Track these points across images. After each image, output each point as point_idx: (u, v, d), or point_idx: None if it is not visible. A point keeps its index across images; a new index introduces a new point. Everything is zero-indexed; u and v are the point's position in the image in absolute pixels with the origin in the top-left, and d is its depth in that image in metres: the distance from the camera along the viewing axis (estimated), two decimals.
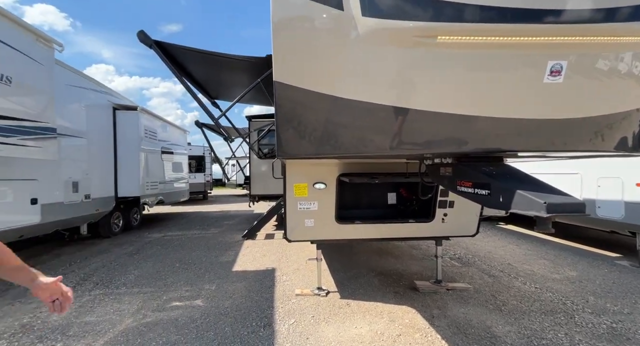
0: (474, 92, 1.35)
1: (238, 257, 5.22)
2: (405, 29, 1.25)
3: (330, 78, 1.41)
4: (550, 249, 5.67)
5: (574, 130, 1.46)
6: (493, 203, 1.36)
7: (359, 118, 1.44)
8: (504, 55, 1.28)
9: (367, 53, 1.33)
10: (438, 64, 1.32)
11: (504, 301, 3.36)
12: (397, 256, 5.19)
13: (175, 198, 10.59)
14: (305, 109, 1.49)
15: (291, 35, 1.38)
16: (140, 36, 3.89)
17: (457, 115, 1.37)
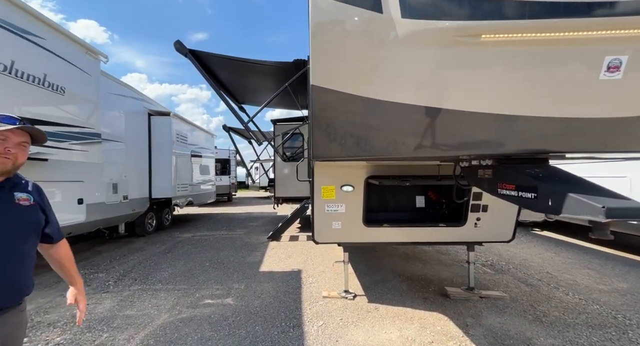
0: (520, 90, 1.30)
1: (264, 258, 5.32)
2: (448, 29, 1.23)
3: (368, 80, 1.42)
4: (593, 258, 5.28)
5: (631, 129, 1.36)
6: (540, 207, 1.30)
7: (398, 121, 1.43)
8: (555, 51, 1.22)
9: (406, 54, 1.33)
10: (482, 63, 1.29)
11: (545, 312, 3.17)
12: (424, 261, 5.06)
13: (203, 199, 11.00)
14: (342, 112, 1.51)
15: (330, 39, 1.41)
16: (177, 45, 4.11)
17: (501, 115, 1.32)
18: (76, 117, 4.29)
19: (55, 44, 3.92)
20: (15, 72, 3.35)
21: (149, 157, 7.83)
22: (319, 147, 1.62)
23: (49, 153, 3.85)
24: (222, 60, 4.56)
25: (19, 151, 1.17)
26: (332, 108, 1.52)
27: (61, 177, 4.50)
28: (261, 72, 5.03)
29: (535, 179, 1.33)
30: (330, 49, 1.41)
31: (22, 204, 1.19)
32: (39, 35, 3.66)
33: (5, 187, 1.17)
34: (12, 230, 1.15)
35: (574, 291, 3.78)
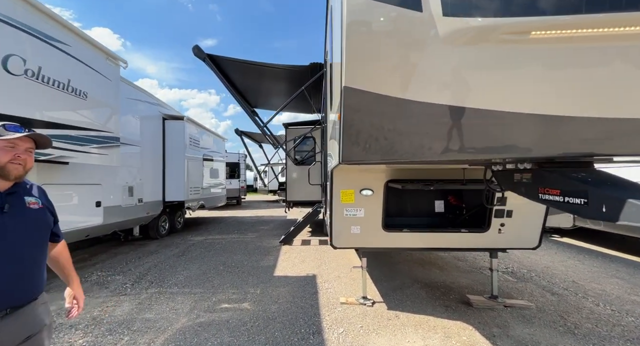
0: (568, 90, 1.24)
1: (278, 262, 5.28)
2: (494, 26, 1.18)
3: (405, 81, 1.37)
4: (621, 266, 5.06)
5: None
6: (592, 214, 1.22)
7: (437, 123, 1.38)
8: (607, 48, 1.16)
9: (447, 54, 1.28)
10: (529, 62, 1.23)
11: (576, 323, 3.02)
12: (441, 267, 4.93)
13: (214, 203, 11.07)
14: (376, 114, 1.47)
15: (364, 39, 1.37)
16: (195, 50, 4.16)
17: (547, 115, 1.25)
18: (96, 121, 4.37)
19: (79, 50, 4.01)
20: (42, 77, 3.43)
21: (163, 160, 7.92)
22: (350, 150, 1.58)
23: (71, 156, 3.92)
24: (238, 64, 4.59)
25: (27, 157, 1.24)
26: (365, 110, 1.48)
27: (81, 179, 4.57)
28: (276, 76, 5.05)
29: (585, 183, 1.26)
30: (365, 49, 1.37)
31: (32, 208, 1.26)
32: (64, 41, 3.75)
33: (17, 192, 1.24)
34: (29, 233, 1.22)
35: (605, 301, 3.60)
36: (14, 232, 1.16)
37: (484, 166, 2.12)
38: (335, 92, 1.98)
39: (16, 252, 1.17)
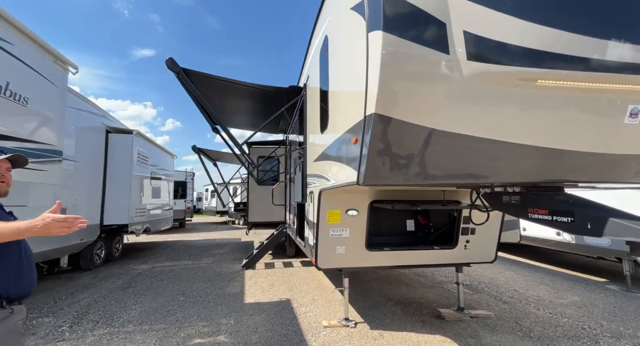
0: (562, 128, 1.56)
1: (245, 288, 4.96)
2: (509, 73, 1.45)
3: (430, 112, 1.55)
4: (544, 275, 5.95)
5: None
6: (578, 230, 1.50)
7: (454, 149, 1.58)
8: (593, 98, 1.51)
9: (468, 92, 1.50)
10: (533, 103, 1.52)
11: (529, 327, 3.45)
12: (407, 284, 5.19)
13: (160, 226, 10.01)
14: (401, 139, 1.61)
15: (397, 72, 1.52)
16: (169, 63, 3.93)
17: (545, 148, 1.55)
18: (37, 132, 3.74)
19: (23, 50, 3.47)
20: None
21: (104, 178, 7.01)
22: (374, 172, 1.67)
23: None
24: (214, 81, 4.46)
25: (9, 176, 1.45)
26: (391, 135, 1.61)
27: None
28: (251, 95, 5.01)
29: (571, 205, 1.55)
30: (397, 81, 1.52)
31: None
32: (7, 39, 3.22)
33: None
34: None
35: (543, 306, 4.19)
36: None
37: (470, 189, 2.41)
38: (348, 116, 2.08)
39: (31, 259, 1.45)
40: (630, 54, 1.44)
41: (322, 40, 3.04)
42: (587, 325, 3.58)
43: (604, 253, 5.55)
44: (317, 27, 3.49)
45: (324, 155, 2.98)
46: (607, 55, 1.43)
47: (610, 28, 1.44)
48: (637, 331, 3.39)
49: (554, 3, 1.49)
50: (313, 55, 3.70)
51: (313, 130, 3.73)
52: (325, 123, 2.91)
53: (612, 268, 6.41)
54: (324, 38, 3.01)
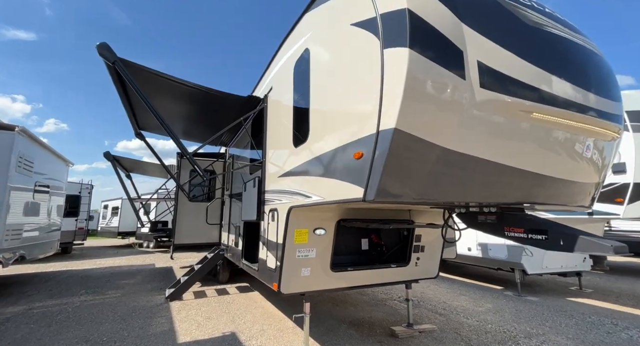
0: (547, 157, 1.83)
1: (175, 325, 4.15)
2: (514, 103, 1.65)
3: (443, 131, 1.62)
4: (459, 286, 6.80)
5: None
6: (551, 247, 1.75)
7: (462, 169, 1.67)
8: (568, 133, 1.84)
9: (478, 115, 1.63)
10: (528, 133, 1.76)
11: (467, 336, 3.81)
12: (352, 304, 5.20)
13: (41, 252, 7.76)
14: (416, 156, 1.62)
15: (420, 89, 1.55)
16: (101, 49, 3.23)
17: (534, 173, 1.79)
18: None
19: None
20: None
21: None
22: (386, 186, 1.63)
23: None
24: (153, 77, 3.85)
25: None
26: (407, 152, 1.61)
27: None
28: (197, 99, 4.50)
29: (544, 225, 1.81)
30: (418, 98, 1.55)
31: None
32: None
33: None
34: None
35: (469, 315, 4.73)
36: None
37: (444, 209, 2.60)
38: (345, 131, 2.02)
39: None
40: (594, 101, 1.85)
41: (301, 54, 2.98)
42: (505, 328, 4.16)
43: (502, 264, 6.69)
44: (289, 40, 3.43)
45: (300, 171, 2.82)
46: (583, 101, 1.81)
47: (585, 80, 1.84)
48: (539, 330, 4.11)
49: (550, 52, 1.81)
50: (281, 68, 3.58)
51: (278, 144, 3.54)
52: (303, 138, 2.79)
53: (505, 277, 7.77)
54: (302, 51, 2.95)
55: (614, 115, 1.99)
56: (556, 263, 6.38)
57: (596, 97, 1.91)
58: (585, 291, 6.52)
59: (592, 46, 2.06)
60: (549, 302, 5.61)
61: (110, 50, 3.29)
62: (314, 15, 2.78)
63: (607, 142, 2.09)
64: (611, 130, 2.00)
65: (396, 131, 1.56)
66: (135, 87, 3.35)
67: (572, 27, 2.04)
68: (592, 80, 1.93)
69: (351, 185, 1.92)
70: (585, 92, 1.87)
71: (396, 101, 1.55)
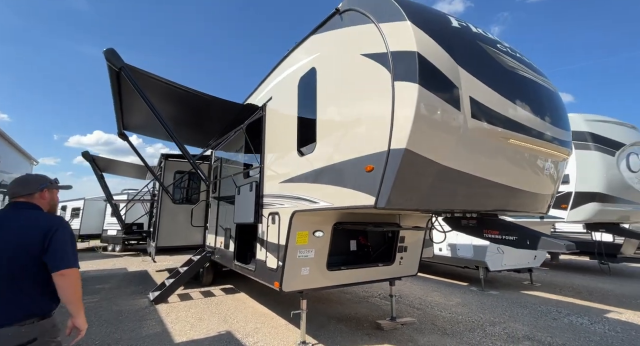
0: (520, 173, 2.29)
1: (168, 326, 4.19)
2: (496, 131, 2.08)
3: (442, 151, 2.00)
4: (430, 283, 7.40)
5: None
6: (520, 245, 2.20)
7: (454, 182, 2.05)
8: (535, 155, 2.32)
9: (469, 139, 2.04)
10: (507, 154, 2.20)
11: (443, 326, 4.29)
12: (337, 301, 5.53)
13: None
14: (420, 171, 1.97)
15: (427, 118, 1.91)
16: (108, 55, 3.26)
17: (509, 186, 2.24)
18: None
19: None
20: None
21: None
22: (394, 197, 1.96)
23: None
24: (155, 83, 3.91)
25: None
26: (414, 167, 1.95)
27: None
28: (197, 105, 4.59)
29: (513, 228, 2.25)
30: (425, 124, 1.91)
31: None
32: None
33: None
34: None
35: (442, 308, 5.26)
36: None
37: (431, 213, 3.01)
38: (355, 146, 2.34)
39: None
40: (553, 131, 2.36)
41: (306, 71, 3.26)
42: (473, 318, 4.72)
43: (469, 263, 7.40)
44: (292, 57, 3.68)
45: (305, 178, 3.08)
46: (546, 130, 2.30)
47: (547, 114, 2.34)
48: (500, 319, 4.71)
49: (521, 91, 2.29)
50: (284, 81, 3.82)
51: (279, 152, 3.77)
52: (309, 148, 3.06)
53: (470, 274, 8.54)
54: (308, 69, 3.23)
55: (566, 141, 2.53)
56: (512, 261, 7.21)
57: (554, 127, 2.42)
58: (535, 285, 7.42)
59: (550, 85, 2.59)
60: (507, 295, 6.35)
61: (117, 57, 3.33)
62: (321, 38, 3.08)
63: (560, 161, 2.63)
64: (564, 153, 2.54)
65: (406, 150, 1.90)
66: (142, 95, 3.42)
67: (536, 69, 2.55)
68: (552, 114, 2.44)
69: (362, 194, 2.24)
70: (547, 123, 2.38)
71: (407, 125, 1.90)
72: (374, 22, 2.29)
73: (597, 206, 5.20)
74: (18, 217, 1.64)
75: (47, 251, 1.56)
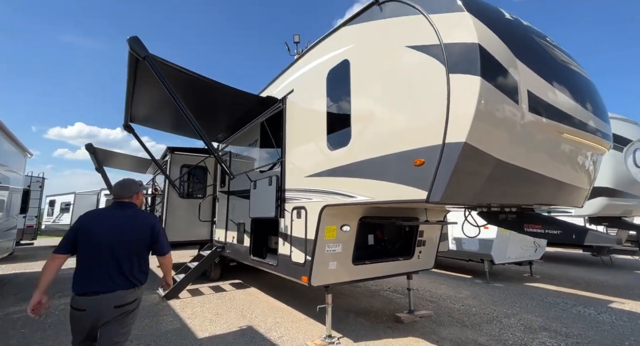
0: (567, 166, 2.31)
1: (186, 322, 4.13)
2: (552, 125, 2.08)
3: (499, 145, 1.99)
4: (437, 277, 7.52)
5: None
6: (563, 239, 2.23)
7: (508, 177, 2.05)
8: (583, 149, 2.35)
9: (524, 133, 2.04)
10: (558, 147, 2.23)
11: (460, 319, 4.36)
12: (350, 295, 5.55)
13: None
14: (477, 165, 1.96)
15: (487, 111, 1.89)
16: (133, 43, 3.11)
17: (555, 179, 2.26)
18: None
19: None
20: None
21: None
22: (449, 191, 1.95)
23: None
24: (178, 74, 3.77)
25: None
26: (471, 161, 1.94)
27: None
28: (216, 97, 4.45)
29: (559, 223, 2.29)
30: (485, 117, 1.89)
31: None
32: None
33: None
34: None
35: (453, 300, 5.35)
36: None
37: (465, 208, 3.02)
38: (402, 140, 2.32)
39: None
40: (599, 124, 2.41)
41: (337, 64, 3.19)
42: (487, 311, 4.82)
43: (474, 256, 7.54)
44: (319, 49, 3.60)
45: (338, 172, 3.04)
46: (594, 124, 2.34)
47: (593, 107, 2.39)
48: (513, 310, 4.82)
49: (572, 84, 2.30)
50: (309, 73, 3.74)
51: (304, 146, 3.71)
52: (341, 142, 3.02)
53: (472, 267, 8.70)
54: (339, 62, 3.17)
55: (608, 134, 2.57)
56: (516, 254, 7.39)
57: (600, 120, 2.46)
58: (535, 277, 7.63)
59: (591, 79, 2.62)
60: (512, 287, 6.50)
61: (141, 45, 3.18)
62: (356, 30, 3.01)
63: (601, 155, 2.69)
64: (606, 146, 2.58)
65: (466, 144, 1.89)
66: (166, 85, 3.29)
67: (577, 62, 2.57)
68: (597, 107, 2.47)
69: (410, 188, 2.22)
70: (595, 116, 2.41)
71: (467, 118, 1.88)
72: (423, 13, 2.24)
73: (605, 200, 5.36)
74: (131, 213, 2.16)
75: (157, 242, 2.16)
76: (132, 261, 2.03)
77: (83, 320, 1.88)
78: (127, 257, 2.00)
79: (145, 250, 2.12)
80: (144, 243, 2.10)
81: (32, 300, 1.89)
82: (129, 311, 2.00)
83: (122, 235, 2.02)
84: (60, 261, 1.97)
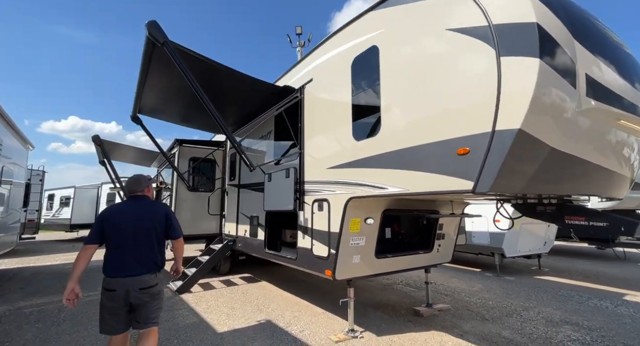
0: (619, 155, 2.22)
1: (203, 316, 4.06)
2: (609, 111, 1.98)
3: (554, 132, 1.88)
4: (445, 270, 7.47)
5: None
6: (611, 232, 2.15)
7: (561, 166, 1.95)
8: (635, 137, 2.24)
9: (580, 119, 1.94)
10: (613, 134, 2.13)
11: (480, 312, 4.32)
12: (364, 289, 5.49)
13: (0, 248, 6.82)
14: (529, 153, 1.86)
15: (544, 95, 1.78)
16: (151, 28, 2.96)
17: (607, 169, 2.17)
18: None
19: None
20: None
21: None
22: (499, 181, 1.85)
23: None
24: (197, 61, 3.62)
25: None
26: (525, 149, 1.84)
27: None
28: (232, 85, 4.30)
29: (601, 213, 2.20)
30: (542, 102, 1.78)
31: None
32: None
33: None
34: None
35: (468, 294, 5.31)
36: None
37: (498, 200, 2.93)
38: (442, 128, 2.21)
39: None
40: None
41: (364, 50, 3.06)
42: (504, 304, 4.78)
43: (485, 249, 7.49)
44: (342, 35, 3.45)
45: (367, 163, 2.93)
46: None
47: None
48: (530, 303, 4.79)
49: (627, 67, 2.18)
50: (330, 61, 3.60)
51: (326, 136, 3.59)
52: (370, 132, 2.91)
53: (481, 260, 8.68)
54: (366, 48, 3.04)
55: None
56: (526, 247, 7.36)
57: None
58: (544, 270, 7.62)
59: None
60: (524, 280, 6.48)
61: (160, 30, 3.03)
62: (386, 14, 2.87)
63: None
64: None
65: (520, 131, 1.78)
66: (187, 73, 3.15)
67: None
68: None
69: (452, 178, 2.12)
70: None
71: (524, 104, 1.77)
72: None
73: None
74: (145, 204, 2.38)
75: (171, 227, 2.38)
76: (153, 247, 2.25)
77: (114, 299, 2.09)
78: (148, 243, 2.23)
79: (162, 236, 2.33)
80: (161, 228, 2.30)
81: (66, 289, 2.05)
82: (154, 294, 2.19)
83: (142, 223, 2.25)
84: (92, 251, 2.14)
